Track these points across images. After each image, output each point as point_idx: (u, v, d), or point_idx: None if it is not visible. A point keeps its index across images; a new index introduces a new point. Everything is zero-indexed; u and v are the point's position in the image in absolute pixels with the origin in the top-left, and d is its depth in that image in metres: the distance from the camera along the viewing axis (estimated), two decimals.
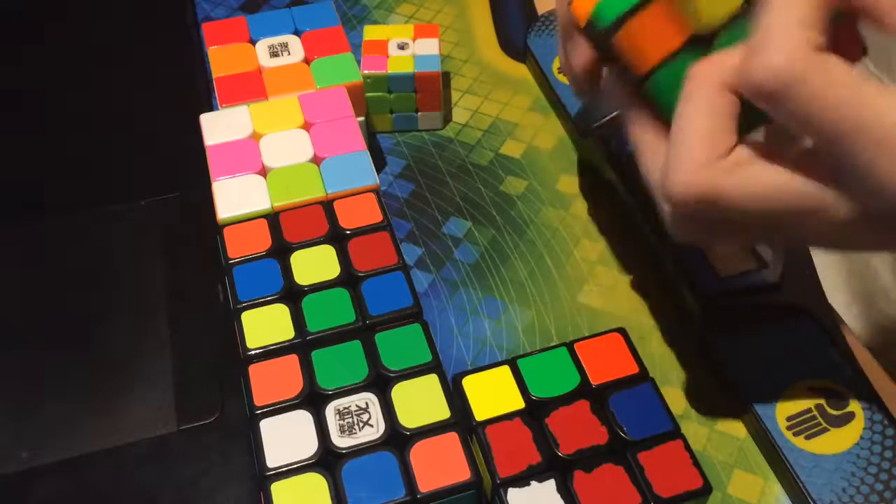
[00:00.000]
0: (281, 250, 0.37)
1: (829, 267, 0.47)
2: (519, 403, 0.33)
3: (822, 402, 0.36)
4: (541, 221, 0.46)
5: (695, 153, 0.28)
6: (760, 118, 0.28)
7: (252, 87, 0.44)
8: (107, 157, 0.49)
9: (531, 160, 0.49)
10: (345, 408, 0.32)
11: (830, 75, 0.26)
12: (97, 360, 0.40)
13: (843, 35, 0.28)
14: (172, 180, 0.47)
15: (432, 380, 0.33)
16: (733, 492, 0.35)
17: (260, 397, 0.33)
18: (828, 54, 0.26)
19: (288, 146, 0.41)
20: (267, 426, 0.32)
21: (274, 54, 0.46)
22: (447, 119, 0.51)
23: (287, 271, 0.37)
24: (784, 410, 0.36)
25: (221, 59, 0.46)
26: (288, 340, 0.34)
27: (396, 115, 0.50)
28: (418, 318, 0.35)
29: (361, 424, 0.32)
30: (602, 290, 0.43)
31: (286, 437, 0.32)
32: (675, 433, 0.32)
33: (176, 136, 0.47)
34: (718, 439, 0.37)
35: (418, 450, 0.31)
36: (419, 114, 0.50)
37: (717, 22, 0.29)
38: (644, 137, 0.31)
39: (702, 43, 0.29)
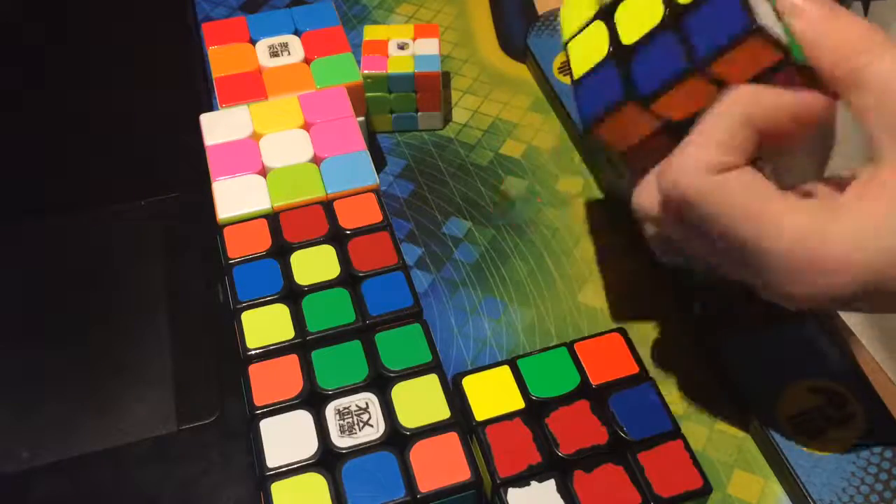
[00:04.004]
0: (281, 250, 0.37)
1: None
2: (519, 403, 0.33)
3: (822, 402, 0.36)
4: (541, 221, 0.46)
5: (701, 155, 0.28)
6: None
7: (252, 87, 0.44)
8: (107, 157, 0.49)
9: (531, 160, 0.49)
10: (345, 408, 0.32)
11: (727, 198, 0.28)
12: (97, 360, 0.40)
13: None
14: (172, 180, 0.47)
15: (432, 380, 0.33)
16: (733, 492, 0.35)
17: (260, 397, 0.33)
18: (729, 175, 0.28)
19: (288, 146, 0.41)
20: (267, 426, 0.32)
21: (274, 54, 0.46)
22: (447, 119, 0.51)
23: (287, 271, 0.37)
24: (784, 410, 0.36)
25: (221, 59, 0.46)
26: (288, 340, 0.34)
27: (396, 115, 0.50)
28: (418, 318, 0.35)
29: (361, 424, 0.32)
30: (602, 290, 0.43)
31: (286, 437, 0.32)
32: (675, 433, 0.32)
33: (176, 136, 0.47)
34: (718, 439, 0.37)
35: (418, 450, 0.31)
36: (419, 114, 0.50)
37: None
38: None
39: None
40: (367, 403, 0.32)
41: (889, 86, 0.27)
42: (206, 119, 0.42)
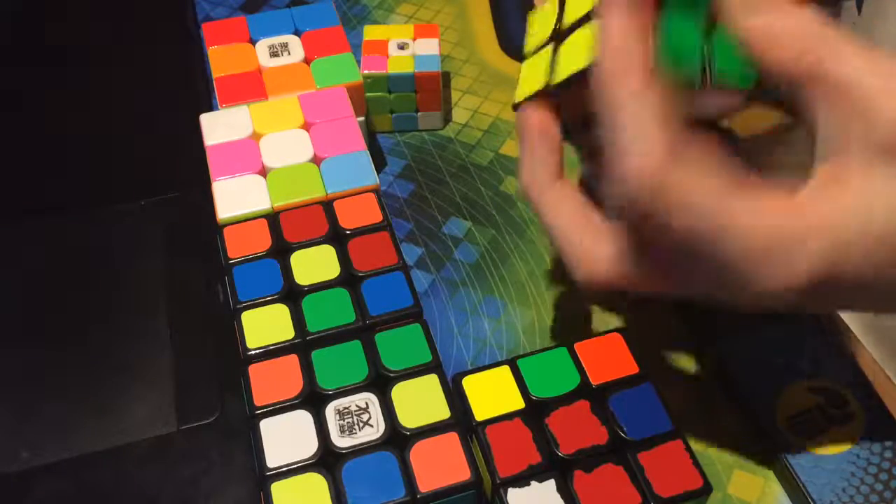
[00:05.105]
0: (281, 250, 0.37)
1: None
2: (519, 403, 0.33)
3: (822, 402, 0.36)
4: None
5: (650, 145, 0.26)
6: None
7: (252, 87, 0.44)
8: (107, 157, 0.49)
9: None
10: (345, 408, 0.32)
11: (686, 189, 0.25)
12: (97, 360, 0.40)
13: None
14: (172, 180, 0.47)
15: (432, 380, 0.33)
16: (733, 492, 0.35)
17: (260, 397, 0.33)
18: (684, 160, 0.25)
19: (288, 146, 0.41)
20: (267, 426, 0.32)
21: (274, 54, 0.46)
22: (447, 119, 0.51)
23: (287, 271, 0.37)
24: (784, 410, 0.36)
25: (221, 59, 0.46)
26: (288, 340, 0.34)
27: (396, 115, 0.50)
28: (418, 318, 0.35)
29: (361, 424, 0.32)
30: (602, 291, 0.42)
31: (286, 437, 0.32)
32: (675, 433, 0.32)
33: (176, 136, 0.47)
34: (718, 439, 0.37)
35: (418, 450, 0.31)
36: (419, 114, 0.50)
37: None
38: (562, 221, 0.31)
39: None
40: (367, 403, 0.32)
41: (843, 82, 0.26)
42: (206, 119, 0.42)
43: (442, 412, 0.32)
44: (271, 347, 0.34)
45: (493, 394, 0.34)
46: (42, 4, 0.59)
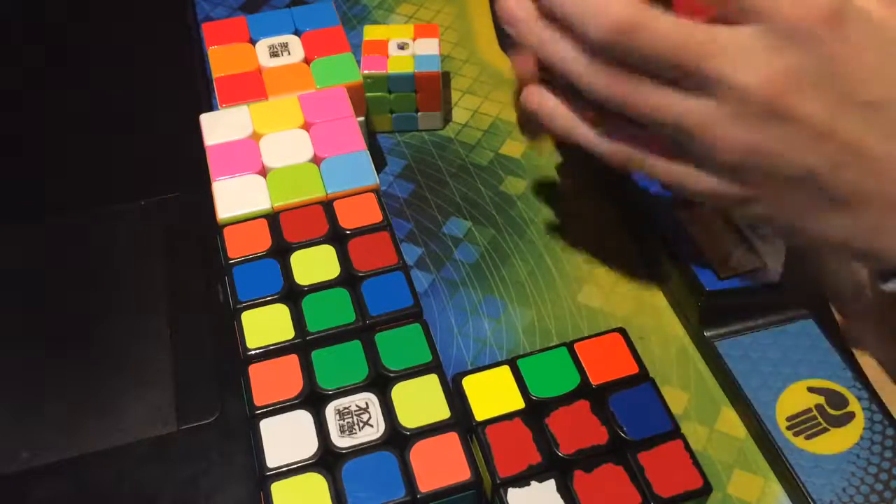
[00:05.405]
0: (281, 250, 0.37)
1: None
2: (519, 403, 0.33)
3: (822, 402, 0.36)
4: (541, 221, 0.46)
5: None
6: None
7: (252, 87, 0.44)
8: (107, 157, 0.49)
9: (531, 160, 0.49)
10: (345, 408, 0.32)
11: (658, 20, 0.29)
12: (97, 360, 0.40)
13: None
14: (172, 180, 0.47)
15: (432, 380, 0.33)
16: (733, 492, 0.35)
17: (260, 397, 0.33)
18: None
19: (288, 146, 0.41)
20: (267, 426, 0.32)
21: (274, 54, 0.46)
22: (447, 119, 0.51)
23: (287, 271, 0.37)
24: (784, 410, 0.36)
25: (221, 59, 0.46)
26: (288, 340, 0.34)
27: (396, 115, 0.50)
28: (418, 318, 0.35)
29: (361, 424, 0.32)
30: (602, 290, 0.43)
31: (286, 437, 0.32)
32: (675, 433, 0.32)
33: (176, 136, 0.47)
34: (718, 439, 0.37)
35: (418, 450, 0.31)
36: (419, 114, 0.50)
37: None
38: None
39: None
40: (367, 403, 0.32)
41: None
42: (206, 119, 0.42)
43: (442, 412, 0.32)
44: (271, 347, 0.34)
45: (493, 394, 0.34)
46: (42, 4, 0.59)
